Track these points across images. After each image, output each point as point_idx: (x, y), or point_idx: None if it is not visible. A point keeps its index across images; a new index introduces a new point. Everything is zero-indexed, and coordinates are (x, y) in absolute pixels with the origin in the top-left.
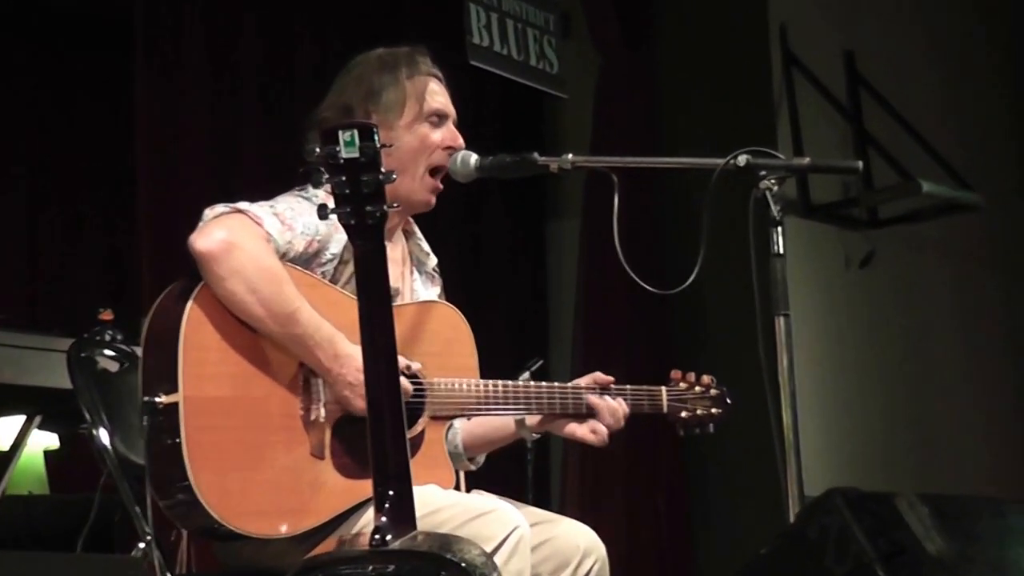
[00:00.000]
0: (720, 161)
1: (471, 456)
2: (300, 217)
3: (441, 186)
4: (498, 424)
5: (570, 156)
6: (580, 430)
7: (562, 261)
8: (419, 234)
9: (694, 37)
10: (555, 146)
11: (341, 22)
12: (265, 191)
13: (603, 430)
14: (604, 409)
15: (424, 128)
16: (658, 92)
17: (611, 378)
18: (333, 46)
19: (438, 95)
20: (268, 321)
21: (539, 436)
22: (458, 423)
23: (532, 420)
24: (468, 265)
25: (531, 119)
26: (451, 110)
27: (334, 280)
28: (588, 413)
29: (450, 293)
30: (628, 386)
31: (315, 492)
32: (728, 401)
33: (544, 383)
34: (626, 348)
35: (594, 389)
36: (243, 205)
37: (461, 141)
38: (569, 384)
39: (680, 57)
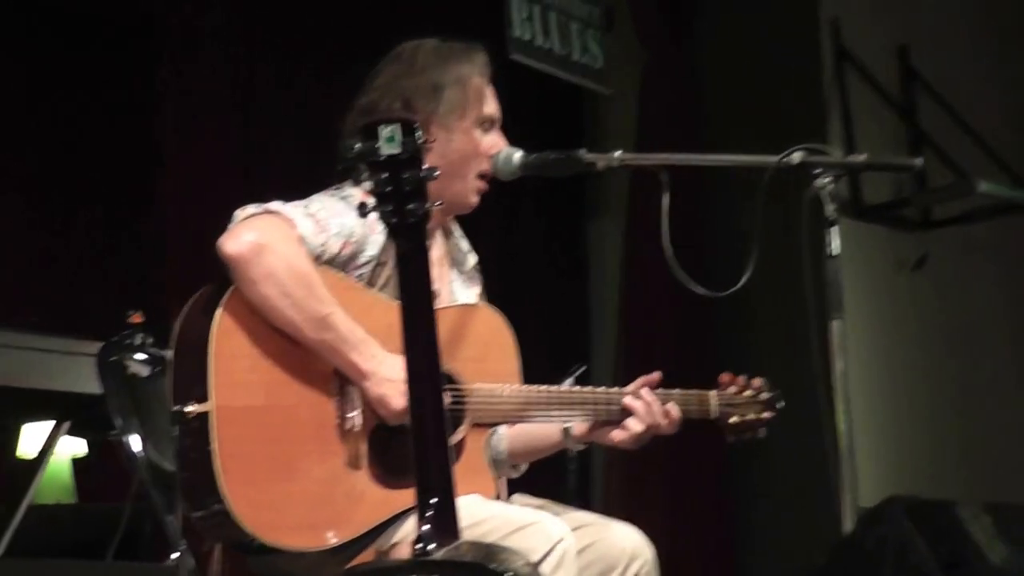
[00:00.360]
0: (773, 158)
1: (514, 463)
2: (335, 218)
3: (487, 187)
4: (542, 433)
5: (618, 153)
6: (616, 434)
7: (604, 262)
8: (459, 233)
9: (742, 31)
10: (595, 143)
11: (372, 12)
12: (297, 191)
13: (634, 428)
14: (640, 408)
15: (477, 133)
16: (704, 87)
17: (658, 374)
18: (363, 37)
19: (492, 99)
20: (302, 326)
21: (584, 447)
22: (502, 428)
23: (578, 430)
24: (506, 266)
25: (569, 115)
26: (499, 114)
27: (371, 283)
28: (627, 416)
29: (488, 294)
30: (676, 389)
31: (351, 503)
32: (781, 404)
33: (588, 388)
34: (672, 352)
35: (637, 393)
36: (275, 205)
37: (505, 144)
38: (614, 389)
39: (727, 51)
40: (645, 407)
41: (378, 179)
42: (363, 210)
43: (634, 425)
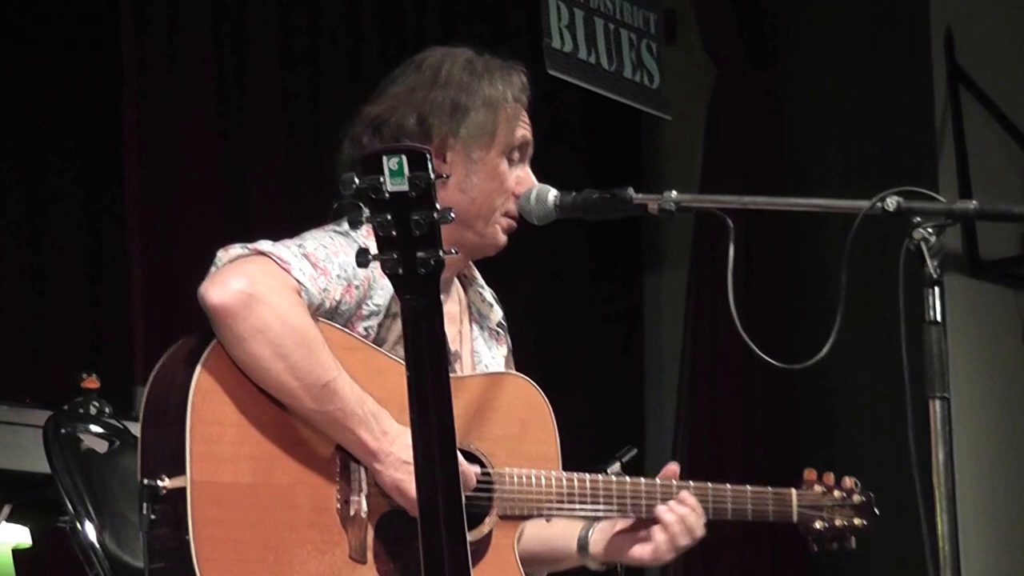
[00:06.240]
0: (864, 204)
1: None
2: (335, 257)
3: (515, 225)
4: (558, 543)
5: (674, 194)
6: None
7: (663, 325)
8: (480, 280)
9: (833, 46)
10: (654, 181)
11: (380, 13)
12: (286, 226)
13: (661, 543)
14: (673, 522)
15: (504, 165)
16: (787, 115)
17: (675, 466)
18: (369, 43)
19: (525, 126)
20: (299, 393)
21: (605, 569)
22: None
23: (597, 545)
24: (544, 328)
25: (622, 146)
26: (531, 146)
27: (379, 340)
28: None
29: (520, 359)
30: (748, 487)
31: None
32: (876, 512)
33: (644, 479)
34: (742, 435)
35: (705, 488)
36: (265, 245)
37: (534, 181)
38: (675, 482)
39: (815, 71)
40: (679, 521)
41: (381, 221)
42: (362, 258)
43: (662, 543)
